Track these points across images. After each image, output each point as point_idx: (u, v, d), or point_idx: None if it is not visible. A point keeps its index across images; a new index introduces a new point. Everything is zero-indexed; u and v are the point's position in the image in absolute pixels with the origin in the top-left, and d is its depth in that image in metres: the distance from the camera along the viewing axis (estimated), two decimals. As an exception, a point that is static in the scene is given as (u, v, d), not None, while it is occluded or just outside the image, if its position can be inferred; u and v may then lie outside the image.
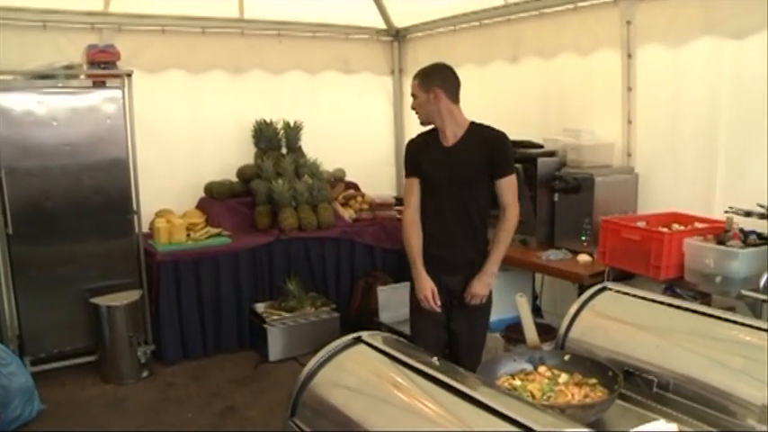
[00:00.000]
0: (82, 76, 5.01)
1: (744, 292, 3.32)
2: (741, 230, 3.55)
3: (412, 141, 3.64)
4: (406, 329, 4.89)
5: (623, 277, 3.95)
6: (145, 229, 5.37)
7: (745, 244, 3.45)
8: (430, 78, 3.54)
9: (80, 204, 4.97)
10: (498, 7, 5.51)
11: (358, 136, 6.81)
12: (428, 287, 3.46)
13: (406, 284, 3.82)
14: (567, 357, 2.22)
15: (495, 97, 5.71)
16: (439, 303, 3.48)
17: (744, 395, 1.85)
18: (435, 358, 1.90)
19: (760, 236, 3.50)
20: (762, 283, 3.28)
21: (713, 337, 2.10)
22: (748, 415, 1.82)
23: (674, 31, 4.30)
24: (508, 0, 5.40)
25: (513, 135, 4.94)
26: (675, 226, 3.91)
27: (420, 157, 3.52)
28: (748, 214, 3.54)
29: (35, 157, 4.78)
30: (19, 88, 4.78)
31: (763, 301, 3.27)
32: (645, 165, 4.62)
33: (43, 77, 4.84)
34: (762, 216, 3.50)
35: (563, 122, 5.04)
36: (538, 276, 5.06)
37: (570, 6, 4.89)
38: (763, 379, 1.83)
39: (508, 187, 3.49)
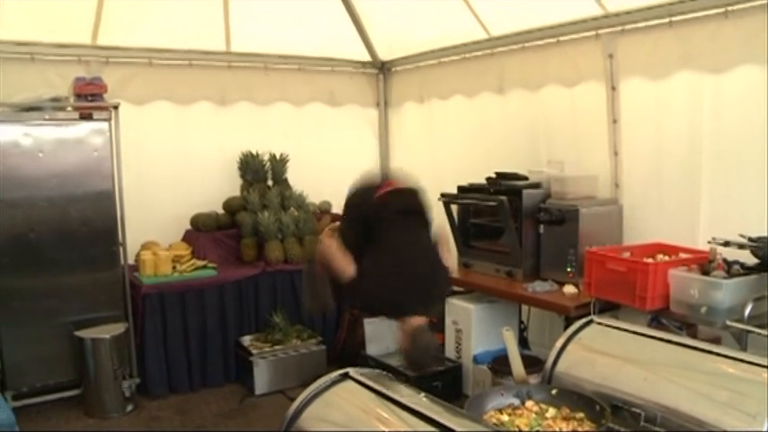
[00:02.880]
0: (69, 108, 5.01)
1: (729, 322, 3.34)
2: (725, 261, 3.58)
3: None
4: (393, 362, 4.90)
5: (609, 308, 3.97)
6: (130, 261, 5.34)
7: (729, 274, 3.49)
8: None
9: (65, 236, 4.94)
10: (482, 41, 5.58)
11: (344, 168, 6.73)
12: None
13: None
14: (554, 391, 2.23)
15: (483, 128, 5.78)
16: None
17: (730, 428, 1.85)
18: (423, 394, 1.90)
19: (743, 266, 3.54)
20: (746, 313, 3.30)
21: (699, 370, 2.11)
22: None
23: (654, 65, 4.37)
24: (492, 34, 5.47)
25: (502, 167, 5.03)
26: (660, 257, 3.94)
27: None
28: (737, 246, 3.57)
29: (20, 188, 4.77)
30: (5, 120, 4.77)
31: (748, 331, 3.29)
32: (630, 196, 4.67)
33: (30, 109, 4.84)
34: (744, 246, 3.53)
35: (551, 154, 5.10)
36: (524, 308, 5.07)
37: (553, 40, 4.97)
38: (749, 412, 1.84)
39: None
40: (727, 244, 3.60)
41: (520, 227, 4.72)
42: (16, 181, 4.75)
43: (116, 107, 5.05)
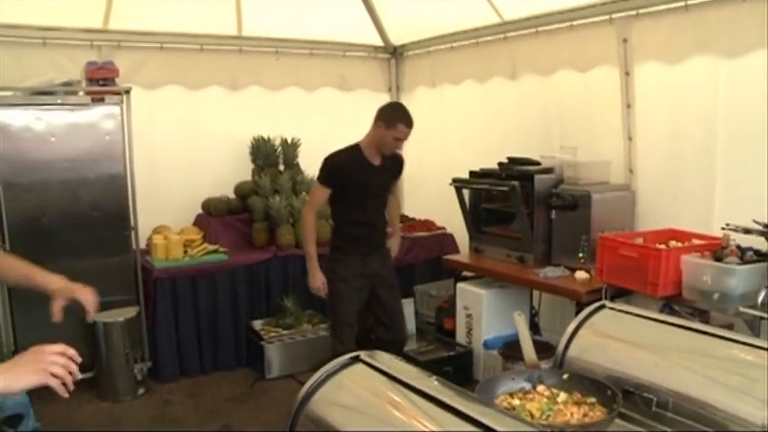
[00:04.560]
0: (81, 93, 5.03)
1: (741, 308, 3.32)
2: (738, 247, 3.56)
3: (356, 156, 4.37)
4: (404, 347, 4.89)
5: (621, 294, 3.95)
6: (142, 245, 5.37)
7: (743, 261, 3.46)
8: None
9: (77, 220, 4.97)
10: (495, 25, 5.54)
11: (355, 153, 6.80)
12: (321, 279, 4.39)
13: (403, 301, 3.98)
14: (565, 376, 2.22)
15: (496, 114, 5.76)
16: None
17: (743, 414, 1.84)
18: (434, 378, 1.90)
19: (757, 252, 3.52)
20: (759, 299, 3.28)
21: (712, 355, 2.09)
22: (747, 432, 1.82)
23: (670, 50, 4.33)
24: (504, 18, 5.43)
25: (514, 152, 5.01)
26: (673, 243, 3.92)
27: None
28: (746, 231, 3.55)
29: (33, 172, 4.79)
30: (18, 104, 4.79)
31: (761, 317, 3.27)
32: (643, 181, 4.64)
33: (42, 94, 4.86)
34: (759, 233, 3.51)
35: (564, 139, 5.07)
36: (536, 293, 5.06)
37: (566, 25, 4.92)
38: (762, 398, 1.82)
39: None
40: (741, 230, 3.58)
41: (532, 212, 4.70)
42: (29, 165, 4.78)
43: (128, 91, 5.06)
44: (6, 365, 1.68)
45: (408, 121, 4.26)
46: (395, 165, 4.54)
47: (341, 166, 4.34)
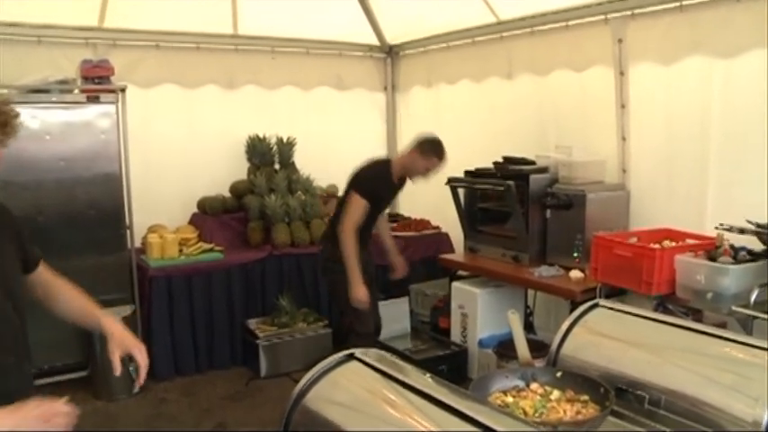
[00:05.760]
0: (76, 91, 5.02)
1: (734, 308, 3.33)
2: (732, 247, 3.57)
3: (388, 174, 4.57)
4: (399, 345, 4.92)
5: (615, 293, 3.96)
6: (137, 244, 5.36)
7: (736, 260, 3.48)
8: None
9: (73, 219, 4.96)
10: (490, 25, 5.55)
11: (351, 152, 6.74)
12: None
13: (398, 300, 3.99)
14: (559, 374, 2.22)
15: (492, 113, 5.77)
16: None
17: (735, 411, 1.85)
18: (428, 375, 1.91)
19: (750, 252, 3.53)
20: (752, 298, 3.30)
21: (705, 353, 2.10)
22: (739, 431, 1.83)
23: (665, 50, 4.34)
24: (500, 17, 5.44)
25: (510, 151, 5.03)
26: (667, 242, 3.93)
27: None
28: (741, 231, 3.56)
29: (28, 171, 4.78)
30: (13, 102, 4.75)
31: (754, 317, 3.29)
32: (637, 181, 4.66)
33: (37, 92, 4.84)
34: (752, 233, 3.52)
35: (559, 139, 5.08)
36: (531, 292, 5.07)
37: (561, 25, 4.94)
38: (754, 396, 1.84)
39: None
40: (734, 230, 3.59)
41: (527, 211, 4.72)
42: (24, 164, 4.76)
43: (123, 90, 5.06)
44: (11, 416, 1.74)
45: (443, 157, 4.52)
46: (401, 184, 4.77)
47: (381, 183, 4.57)
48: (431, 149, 4.49)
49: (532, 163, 4.91)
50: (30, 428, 1.74)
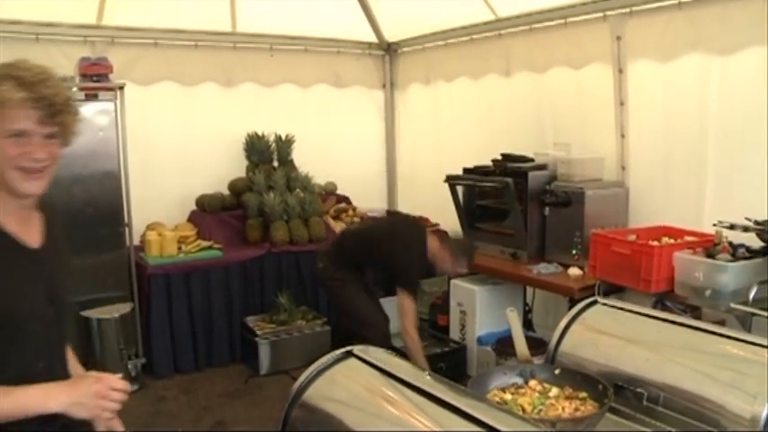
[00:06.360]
0: (74, 89, 5.00)
1: (733, 305, 3.33)
2: (730, 244, 3.57)
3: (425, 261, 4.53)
4: (397, 342, 4.91)
5: (614, 290, 3.97)
6: (136, 241, 5.36)
7: (735, 257, 3.47)
8: None
9: (71, 217, 4.92)
10: (488, 22, 5.54)
11: (349, 149, 6.83)
12: None
13: (394, 299, 4.03)
14: (557, 371, 2.23)
15: (490, 111, 5.76)
16: None
17: (733, 408, 1.86)
18: (426, 372, 1.91)
19: (749, 249, 3.53)
20: (751, 296, 3.30)
21: (703, 350, 2.11)
22: (738, 428, 1.83)
23: (663, 47, 4.34)
24: (498, 15, 5.43)
25: (508, 149, 5.03)
26: (665, 239, 3.93)
27: None
28: (745, 229, 3.55)
29: (26, 169, 4.76)
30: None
31: (752, 314, 3.29)
32: (636, 178, 4.66)
33: (35, 90, 4.82)
34: (750, 230, 3.52)
35: (557, 136, 5.09)
36: (529, 290, 5.07)
37: (560, 22, 4.93)
38: (752, 392, 1.84)
39: None
40: (732, 227, 3.59)
41: (525, 209, 4.71)
42: (22, 161, 4.75)
43: (121, 88, 5.04)
44: (69, 391, 1.75)
45: (471, 264, 4.58)
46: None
47: (422, 270, 4.62)
48: (462, 253, 4.49)
49: (531, 160, 4.91)
50: (87, 405, 1.77)
